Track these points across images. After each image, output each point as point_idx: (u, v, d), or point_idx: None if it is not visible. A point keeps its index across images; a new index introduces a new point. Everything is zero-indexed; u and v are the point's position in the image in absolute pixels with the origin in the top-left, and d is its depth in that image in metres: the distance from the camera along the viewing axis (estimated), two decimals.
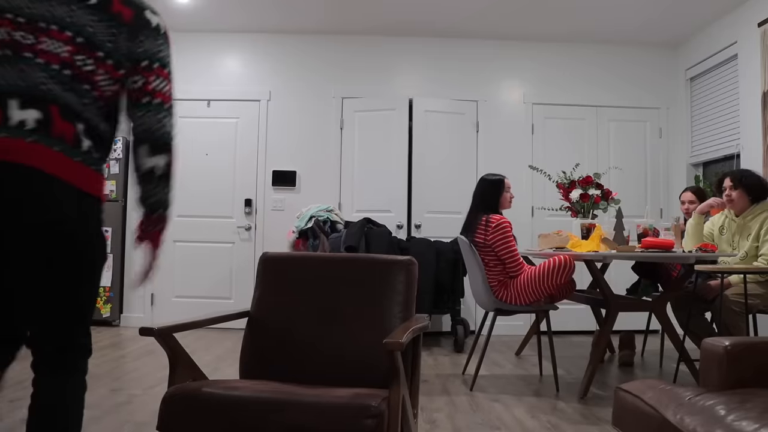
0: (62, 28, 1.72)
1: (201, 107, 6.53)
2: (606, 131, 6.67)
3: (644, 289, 4.98)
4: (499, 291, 4.00)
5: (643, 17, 5.98)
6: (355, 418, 1.87)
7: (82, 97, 1.74)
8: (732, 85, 5.71)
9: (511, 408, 3.51)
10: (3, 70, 1.66)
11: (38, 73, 1.68)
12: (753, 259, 4.13)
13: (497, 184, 4.19)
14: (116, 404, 3.42)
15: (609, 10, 5.85)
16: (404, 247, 5.57)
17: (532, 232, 6.48)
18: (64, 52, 1.71)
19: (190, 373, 2.29)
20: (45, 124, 1.66)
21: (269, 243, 6.41)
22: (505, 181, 4.22)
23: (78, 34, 1.73)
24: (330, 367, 2.45)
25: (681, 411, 1.76)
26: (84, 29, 1.74)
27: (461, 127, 6.50)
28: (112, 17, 1.79)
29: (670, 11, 5.81)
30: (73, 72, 1.73)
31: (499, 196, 4.17)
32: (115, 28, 1.79)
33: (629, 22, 6.11)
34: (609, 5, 5.73)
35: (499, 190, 4.18)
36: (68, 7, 1.73)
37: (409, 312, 2.52)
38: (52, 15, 1.71)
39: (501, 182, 4.19)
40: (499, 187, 4.18)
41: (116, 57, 1.79)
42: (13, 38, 1.68)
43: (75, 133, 1.71)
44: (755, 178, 4.26)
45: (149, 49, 1.84)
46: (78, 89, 1.73)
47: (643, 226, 4.22)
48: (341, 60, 6.63)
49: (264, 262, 2.69)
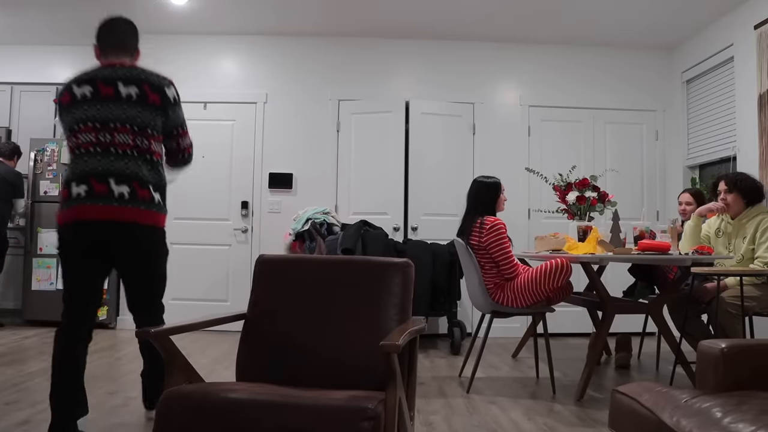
0: (123, 123, 2.78)
1: (197, 110, 6.53)
2: (602, 133, 6.67)
3: (641, 291, 4.99)
4: (496, 293, 4.00)
5: (640, 20, 5.99)
6: (352, 420, 1.87)
7: (148, 166, 2.85)
8: (728, 87, 5.72)
9: (508, 410, 3.51)
10: (99, 160, 2.76)
11: (121, 161, 2.77)
12: (749, 261, 4.15)
13: (493, 187, 4.20)
14: (113, 407, 3.41)
15: (605, 13, 5.86)
16: (401, 249, 5.57)
17: (528, 234, 6.48)
18: (129, 140, 2.79)
19: (187, 375, 2.29)
20: (133, 194, 2.78)
21: (266, 245, 6.40)
22: (500, 185, 4.24)
23: (133, 124, 2.80)
24: (326, 369, 2.44)
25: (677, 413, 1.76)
26: (135, 119, 2.81)
27: (458, 130, 6.50)
28: (149, 105, 2.84)
29: (667, 14, 5.82)
30: (138, 151, 2.82)
31: (496, 199, 4.19)
32: (152, 112, 2.85)
33: (625, 24, 6.12)
34: (605, 8, 5.74)
35: (496, 193, 4.19)
36: (122, 108, 2.79)
37: (405, 314, 2.52)
38: (115, 116, 2.78)
39: (498, 186, 4.21)
40: (496, 190, 4.19)
41: (158, 131, 2.90)
42: (98, 138, 2.77)
43: (150, 194, 2.84)
44: (750, 181, 4.28)
45: (175, 121, 2.97)
46: (144, 161, 2.83)
47: (640, 228, 4.23)
48: (338, 62, 6.63)
49: (260, 264, 2.69)
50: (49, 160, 6.37)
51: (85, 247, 2.78)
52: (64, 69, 7.01)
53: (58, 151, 6.37)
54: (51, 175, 6.36)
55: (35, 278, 6.29)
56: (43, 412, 3.24)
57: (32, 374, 4.15)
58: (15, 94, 6.99)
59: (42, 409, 3.30)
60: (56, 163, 6.37)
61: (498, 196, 4.20)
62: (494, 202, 4.18)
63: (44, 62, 7.03)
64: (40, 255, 6.31)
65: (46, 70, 7.03)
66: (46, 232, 6.31)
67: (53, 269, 6.28)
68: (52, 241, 6.31)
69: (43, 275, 6.28)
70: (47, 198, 6.35)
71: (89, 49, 3.35)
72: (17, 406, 3.35)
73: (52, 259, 6.29)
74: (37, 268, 6.30)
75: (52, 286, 6.26)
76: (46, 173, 6.37)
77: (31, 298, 6.29)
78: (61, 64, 7.02)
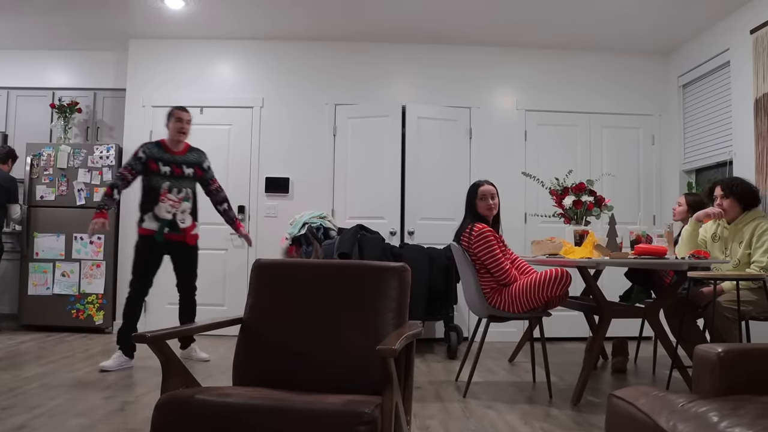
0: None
1: (194, 114, 6.52)
2: (599, 138, 6.69)
3: (637, 295, 4.99)
4: (493, 298, 4.00)
5: (636, 25, 6.01)
6: (349, 424, 1.87)
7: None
8: (724, 91, 5.74)
9: (504, 415, 3.51)
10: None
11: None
12: (745, 266, 4.15)
13: (471, 189, 4.22)
14: (109, 412, 3.40)
15: (602, 18, 5.88)
16: (397, 253, 5.57)
17: (525, 238, 6.49)
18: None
19: (183, 380, 2.28)
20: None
21: (262, 250, 6.40)
22: (479, 189, 4.20)
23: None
24: (323, 373, 2.44)
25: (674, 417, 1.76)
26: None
27: (454, 134, 6.51)
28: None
29: (663, 18, 5.84)
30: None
31: (473, 201, 4.19)
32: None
33: (622, 29, 6.14)
34: (602, 13, 5.76)
35: (472, 197, 4.21)
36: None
37: (402, 318, 2.52)
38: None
39: (474, 188, 4.22)
40: (472, 193, 4.21)
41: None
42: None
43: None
44: (746, 186, 4.28)
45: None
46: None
47: (636, 232, 4.23)
48: (334, 67, 6.64)
49: (257, 268, 2.69)
50: (45, 165, 6.35)
51: None
52: (60, 74, 7.02)
53: (54, 155, 6.36)
54: (47, 180, 6.35)
55: (31, 283, 6.27)
56: (39, 417, 3.23)
57: (28, 379, 4.14)
58: (11, 99, 6.99)
59: (38, 414, 3.29)
60: (52, 168, 6.35)
61: (473, 200, 4.19)
62: (471, 205, 4.19)
63: (40, 67, 7.03)
64: (36, 260, 6.29)
65: (43, 74, 7.03)
66: (43, 236, 6.30)
67: (49, 274, 6.27)
68: (48, 245, 6.30)
69: (39, 280, 6.27)
70: (43, 203, 6.34)
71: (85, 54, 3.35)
72: (13, 411, 3.34)
73: (49, 263, 6.28)
74: (34, 273, 6.28)
75: (49, 291, 6.25)
76: (43, 178, 6.36)
77: (27, 302, 6.27)
78: (57, 68, 7.02)
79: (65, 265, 6.29)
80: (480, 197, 4.18)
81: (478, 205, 4.18)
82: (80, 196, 6.34)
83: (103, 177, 6.33)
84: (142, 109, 6.56)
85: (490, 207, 4.19)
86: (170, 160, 4.74)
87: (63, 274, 6.28)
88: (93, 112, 6.99)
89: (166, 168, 4.71)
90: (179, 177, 4.76)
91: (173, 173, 4.73)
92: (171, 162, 4.74)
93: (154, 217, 4.66)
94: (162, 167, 4.69)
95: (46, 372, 4.38)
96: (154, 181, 4.67)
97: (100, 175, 6.35)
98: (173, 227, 4.71)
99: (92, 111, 6.99)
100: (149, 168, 4.67)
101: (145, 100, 6.56)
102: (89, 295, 6.26)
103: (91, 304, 6.26)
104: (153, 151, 4.71)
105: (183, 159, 4.81)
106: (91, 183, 6.35)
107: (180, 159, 4.80)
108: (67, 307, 6.26)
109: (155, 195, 4.67)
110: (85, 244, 6.29)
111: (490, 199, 4.18)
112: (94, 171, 6.36)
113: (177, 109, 4.84)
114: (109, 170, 6.35)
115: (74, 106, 6.69)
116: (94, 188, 6.34)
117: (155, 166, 4.68)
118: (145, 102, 6.56)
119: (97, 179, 6.35)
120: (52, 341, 5.72)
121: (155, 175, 4.67)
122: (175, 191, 4.72)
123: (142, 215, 4.69)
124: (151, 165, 4.67)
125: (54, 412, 3.34)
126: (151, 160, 4.67)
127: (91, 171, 6.36)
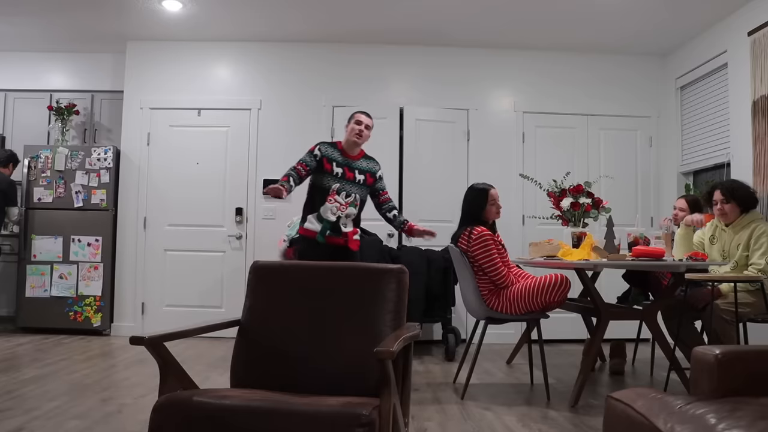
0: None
1: (192, 116, 6.53)
2: (596, 140, 6.69)
3: (635, 297, 4.99)
4: (491, 299, 4.00)
5: (634, 26, 6.02)
6: (346, 426, 1.87)
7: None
8: (722, 93, 5.75)
9: (502, 417, 3.51)
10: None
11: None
12: (743, 268, 4.15)
13: (481, 193, 4.18)
14: (106, 414, 3.40)
15: (600, 20, 5.89)
16: (395, 255, 5.57)
17: (522, 240, 6.49)
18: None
19: (181, 382, 2.28)
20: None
21: (260, 252, 6.39)
22: (490, 193, 4.19)
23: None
24: (321, 375, 2.44)
25: (672, 419, 1.76)
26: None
27: (452, 136, 6.51)
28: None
29: (661, 20, 5.85)
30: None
31: (483, 206, 4.17)
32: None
33: (620, 31, 6.15)
34: (600, 15, 5.76)
35: (482, 200, 4.18)
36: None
37: (399, 320, 2.52)
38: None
39: (485, 193, 4.19)
40: (484, 197, 4.18)
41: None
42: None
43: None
44: (745, 189, 4.29)
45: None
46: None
47: (634, 234, 4.23)
48: (332, 69, 6.64)
49: (255, 270, 2.69)
50: (43, 167, 6.34)
51: None
52: (57, 76, 7.01)
53: (52, 157, 6.35)
54: (45, 182, 6.34)
55: (29, 285, 6.26)
56: (36, 419, 3.23)
57: (26, 381, 4.13)
58: (9, 101, 6.98)
59: (36, 417, 3.28)
60: (50, 170, 6.34)
61: (484, 205, 4.17)
62: (481, 210, 4.17)
63: (38, 69, 7.03)
64: (34, 262, 6.28)
65: (40, 76, 7.02)
66: (40, 239, 6.29)
67: (47, 276, 6.26)
68: (46, 247, 6.29)
69: (37, 282, 6.26)
70: (41, 205, 6.33)
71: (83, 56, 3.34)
72: (10, 414, 3.33)
73: (47, 266, 6.27)
74: (31, 275, 6.27)
75: (46, 293, 6.24)
76: (40, 180, 6.35)
77: (25, 305, 6.26)
78: (55, 70, 7.02)
79: (63, 267, 6.29)
80: (491, 202, 4.18)
81: (489, 210, 4.18)
82: (78, 199, 6.33)
83: (101, 179, 6.33)
84: (139, 111, 6.55)
85: (499, 210, 4.23)
86: (344, 162, 4.49)
87: (61, 277, 6.27)
88: (90, 114, 6.99)
89: (339, 169, 4.45)
90: (350, 181, 4.48)
91: (344, 176, 4.46)
92: (344, 164, 4.48)
93: (317, 218, 4.39)
94: (335, 168, 4.44)
95: (43, 374, 4.38)
96: (325, 181, 4.42)
97: (98, 177, 6.34)
98: (335, 230, 4.40)
99: (90, 113, 6.98)
100: (322, 167, 4.44)
101: (143, 102, 6.55)
102: (87, 298, 6.26)
103: (88, 306, 6.25)
104: (329, 150, 4.50)
105: (357, 164, 4.54)
106: (88, 185, 6.34)
107: (354, 164, 4.53)
108: (64, 309, 6.25)
109: (323, 195, 4.42)
110: (83, 246, 6.28)
111: (498, 203, 4.23)
112: (91, 173, 6.35)
113: (359, 112, 4.60)
114: (107, 172, 6.34)
115: (72, 108, 6.68)
116: (92, 190, 6.33)
117: (329, 165, 4.43)
118: (142, 104, 6.55)
119: (95, 181, 6.34)
120: (49, 343, 5.71)
121: (327, 175, 4.43)
122: (343, 194, 4.42)
123: (306, 215, 4.46)
124: (324, 164, 4.44)
125: (51, 415, 3.34)
126: (325, 159, 4.44)
127: (89, 173, 6.35)
